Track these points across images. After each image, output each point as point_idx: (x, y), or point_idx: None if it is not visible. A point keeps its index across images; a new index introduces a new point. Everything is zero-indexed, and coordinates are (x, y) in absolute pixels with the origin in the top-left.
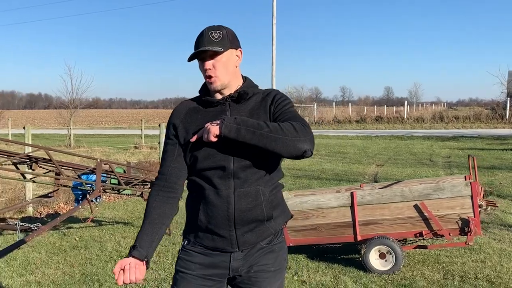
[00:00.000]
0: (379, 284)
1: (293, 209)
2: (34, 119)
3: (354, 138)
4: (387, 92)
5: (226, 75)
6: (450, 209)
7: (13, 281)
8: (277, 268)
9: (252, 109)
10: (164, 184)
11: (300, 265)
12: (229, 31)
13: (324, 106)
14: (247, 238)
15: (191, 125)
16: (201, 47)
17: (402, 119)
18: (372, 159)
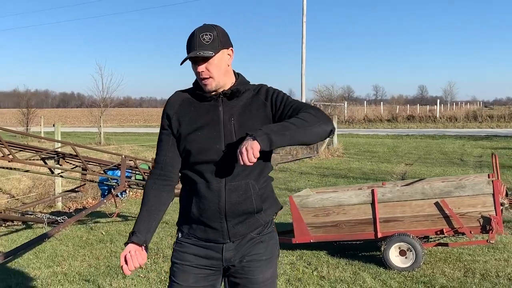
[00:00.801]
0: (398, 281)
1: (314, 205)
2: (66, 117)
3: (384, 137)
4: (421, 91)
5: (220, 76)
6: (472, 207)
7: (41, 272)
8: (268, 257)
9: (244, 105)
10: (160, 173)
11: (320, 261)
12: (219, 31)
13: (355, 105)
14: (237, 230)
15: (184, 117)
16: (193, 50)
17: (435, 118)
18: (401, 158)
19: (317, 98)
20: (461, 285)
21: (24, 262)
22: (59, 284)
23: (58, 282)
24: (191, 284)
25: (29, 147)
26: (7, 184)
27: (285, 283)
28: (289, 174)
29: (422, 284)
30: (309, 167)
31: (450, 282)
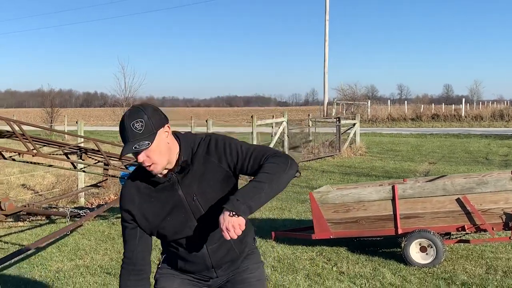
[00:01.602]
0: (418, 277)
1: (334, 201)
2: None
3: (408, 136)
4: (446, 90)
5: (162, 159)
6: (494, 203)
7: (63, 264)
8: (255, 263)
9: (200, 177)
10: (132, 268)
11: (340, 257)
12: (149, 113)
13: (378, 104)
14: (225, 272)
15: (148, 211)
16: (127, 143)
17: (460, 117)
18: (425, 157)
19: (340, 97)
20: (482, 282)
21: (47, 255)
22: (81, 276)
23: (80, 275)
24: (176, 286)
25: (52, 142)
26: (31, 181)
27: (304, 278)
28: (310, 172)
29: (442, 280)
30: (331, 166)
31: (471, 278)
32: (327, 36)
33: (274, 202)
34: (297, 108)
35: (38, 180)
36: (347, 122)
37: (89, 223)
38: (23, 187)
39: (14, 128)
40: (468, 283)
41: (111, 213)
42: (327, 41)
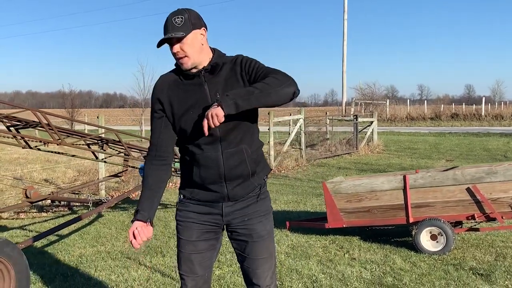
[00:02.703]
0: (428, 263)
1: (347, 191)
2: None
3: (426, 135)
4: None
5: (194, 54)
6: (503, 192)
7: (86, 250)
8: (266, 212)
9: (226, 79)
10: (155, 154)
11: (352, 245)
12: (191, 13)
13: (397, 104)
14: (236, 192)
15: (174, 99)
16: (166, 34)
17: (480, 116)
18: (442, 154)
19: (359, 96)
20: (491, 268)
21: (70, 242)
22: (103, 260)
23: (102, 259)
24: (194, 239)
25: (75, 132)
26: (53, 175)
27: (317, 263)
28: (327, 169)
29: (451, 266)
30: (347, 163)
31: (480, 264)
32: (346, 35)
33: (290, 195)
34: (316, 108)
35: (59, 174)
36: (365, 120)
37: (109, 214)
38: (45, 182)
39: (40, 119)
40: (476, 268)
41: (130, 204)
42: (345, 40)
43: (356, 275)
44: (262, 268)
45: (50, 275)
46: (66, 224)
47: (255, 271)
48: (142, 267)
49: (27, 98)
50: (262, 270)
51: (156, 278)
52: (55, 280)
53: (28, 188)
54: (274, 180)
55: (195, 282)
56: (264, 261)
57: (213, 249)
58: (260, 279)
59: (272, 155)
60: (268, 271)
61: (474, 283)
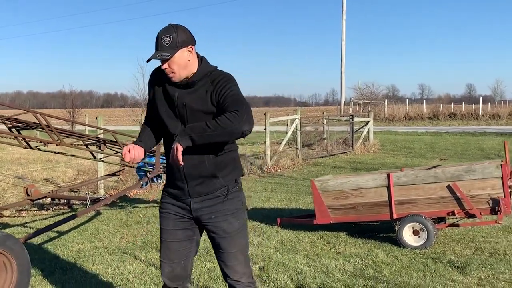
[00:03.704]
0: (409, 257)
1: (334, 189)
2: (110, 116)
3: (423, 134)
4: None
5: (180, 70)
6: (481, 189)
7: (84, 246)
8: (233, 211)
9: (199, 95)
10: (151, 124)
11: (339, 240)
12: (179, 32)
13: (396, 103)
14: (197, 190)
15: (158, 93)
16: (156, 51)
17: (477, 115)
18: (437, 154)
19: (357, 96)
20: (467, 261)
21: (69, 238)
22: (100, 255)
23: (100, 254)
24: (171, 228)
25: (74, 133)
26: (53, 175)
27: (303, 257)
28: (322, 168)
29: (431, 260)
30: (343, 162)
31: (458, 258)
32: (344, 35)
33: (283, 194)
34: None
35: (60, 174)
36: (361, 120)
37: (108, 211)
38: (46, 181)
39: (40, 120)
40: (454, 261)
41: (128, 203)
42: (344, 40)
43: (339, 267)
44: (232, 262)
45: (50, 269)
46: (65, 220)
47: (226, 264)
48: (137, 261)
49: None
50: (232, 264)
51: (150, 271)
52: (55, 273)
53: (29, 187)
54: (270, 179)
55: (172, 268)
56: (233, 256)
57: (191, 240)
58: (230, 271)
59: (268, 154)
60: (238, 265)
61: (449, 274)
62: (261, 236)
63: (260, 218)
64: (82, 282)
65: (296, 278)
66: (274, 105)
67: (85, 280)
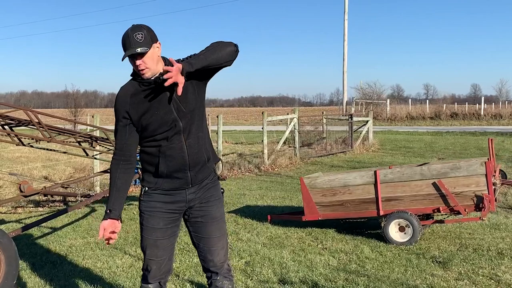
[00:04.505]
0: (393, 252)
1: (322, 186)
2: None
3: (423, 134)
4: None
5: (153, 65)
6: (466, 186)
7: (76, 241)
8: (219, 197)
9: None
10: (122, 159)
11: (327, 236)
12: (148, 29)
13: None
14: (197, 177)
15: (138, 104)
16: (129, 48)
17: (479, 115)
18: (436, 153)
19: (360, 95)
20: (450, 256)
21: (62, 234)
22: (91, 250)
23: (90, 249)
24: (162, 226)
25: (65, 130)
26: (52, 173)
27: (289, 252)
28: (319, 167)
29: (414, 255)
30: (341, 161)
31: (441, 253)
32: (346, 36)
33: (278, 192)
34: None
35: (59, 172)
36: (360, 120)
37: (102, 208)
38: (45, 179)
39: (31, 117)
40: (437, 256)
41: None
42: (346, 40)
43: (323, 262)
44: (216, 246)
45: (40, 263)
46: (54, 215)
47: (210, 249)
48: (126, 256)
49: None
50: (216, 248)
51: (138, 265)
52: (45, 267)
53: (22, 183)
54: (266, 177)
55: (159, 264)
56: (218, 240)
57: (175, 235)
58: (214, 255)
59: (266, 153)
60: (221, 249)
61: (430, 269)
62: (251, 233)
63: (251, 215)
64: (71, 276)
65: (279, 272)
66: (278, 105)
67: (74, 274)
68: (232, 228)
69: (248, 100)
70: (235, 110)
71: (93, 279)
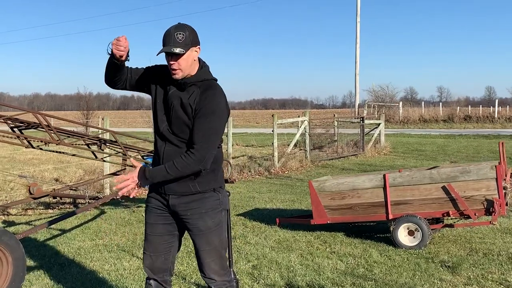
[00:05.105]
0: (402, 256)
1: (331, 189)
2: (125, 118)
3: (436, 137)
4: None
5: (186, 68)
6: (476, 190)
7: (85, 243)
8: (208, 210)
9: (187, 100)
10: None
11: (336, 240)
12: (191, 31)
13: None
14: (171, 186)
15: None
16: (167, 45)
17: (493, 118)
18: (448, 156)
19: (372, 98)
20: (460, 261)
21: (71, 236)
22: (99, 252)
23: (99, 251)
24: (152, 221)
25: (74, 133)
26: (63, 175)
27: (297, 256)
28: (330, 170)
29: (423, 259)
30: (352, 164)
31: (451, 258)
32: (358, 38)
33: (287, 195)
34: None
35: (70, 174)
36: (372, 122)
37: (111, 211)
38: (55, 181)
39: (40, 119)
40: (446, 261)
41: (132, 202)
42: (358, 43)
43: (331, 266)
44: (206, 259)
45: (48, 265)
46: (61, 218)
47: (201, 261)
48: (134, 258)
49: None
50: (206, 261)
51: None
52: (52, 269)
53: (31, 185)
54: (276, 180)
55: (152, 260)
56: (206, 253)
57: (172, 234)
58: (206, 268)
59: (276, 156)
60: (212, 262)
61: (439, 274)
62: (259, 236)
63: (260, 218)
64: (78, 278)
65: (286, 276)
66: (291, 107)
67: (81, 276)
68: (240, 232)
69: (260, 102)
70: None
71: (100, 282)
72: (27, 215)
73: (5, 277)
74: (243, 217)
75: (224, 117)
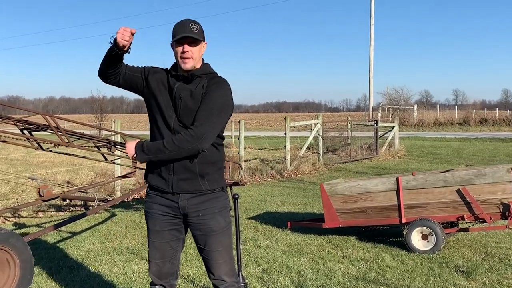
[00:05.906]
0: (416, 261)
1: (343, 192)
2: (139, 121)
3: (451, 140)
4: (505, 95)
5: (197, 58)
6: (492, 194)
7: (94, 246)
8: (220, 209)
9: (195, 91)
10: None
11: (348, 244)
12: (201, 26)
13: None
14: (181, 185)
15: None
16: (183, 33)
17: (509, 121)
18: (464, 160)
19: (386, 101)
20: (475, 266)
21: (81, 238)
22: (109, 255)
23: (108, 254)
24: (158, 228)
25: (84, 135)
26: (75, 177)
27: (308, 260)
28: (343, 173)
29: (437, 264)
30: (366, 167)
31: (466, 263)
32: (372, 40)
33: (300, 198)
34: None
35: (81, 177)
36: (386, 125)
37: (122, 213)
38: (67, 183)
39: (49, 122)
40: (460, 266)
41: (143, 205)
42: (372, 45)
43: (342, 270)
44: (217, 260)
45: (57, 267)
46: (70, 220)
47: (211, 262)
48: (143, 261)
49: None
50: (217, 262)
51: None
52: (61, 272)
53: (41, 187)
54: (288, 183)
55: (158, 267)
56: (219, 254)
57: (177, 239)
58: (216, 269)
59: (288, 159)
60: (223, 263)
61: (453, 279)
62: (270, 239)
63: (271, 221)
64: (86, 281)
65: (297, 280)
66: (304, 110)
67: (89, 279)
68: (251, 235)
69: (274, 105)
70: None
71: (108, 285)
72: (38, 217)
73: (13, 279)
74: (254, 220)
75: (229, 104)
